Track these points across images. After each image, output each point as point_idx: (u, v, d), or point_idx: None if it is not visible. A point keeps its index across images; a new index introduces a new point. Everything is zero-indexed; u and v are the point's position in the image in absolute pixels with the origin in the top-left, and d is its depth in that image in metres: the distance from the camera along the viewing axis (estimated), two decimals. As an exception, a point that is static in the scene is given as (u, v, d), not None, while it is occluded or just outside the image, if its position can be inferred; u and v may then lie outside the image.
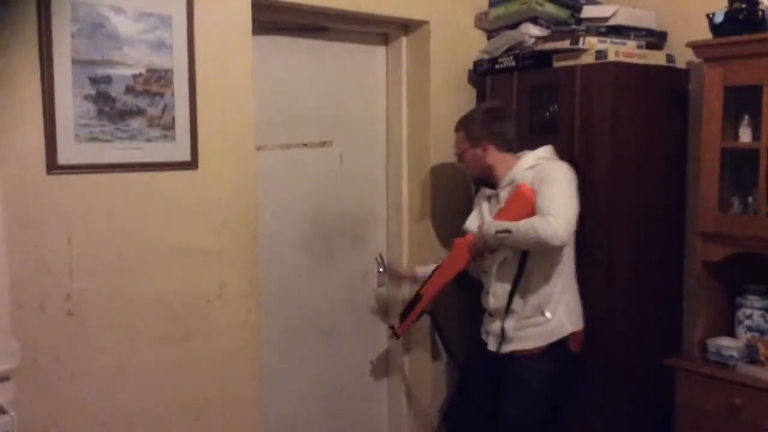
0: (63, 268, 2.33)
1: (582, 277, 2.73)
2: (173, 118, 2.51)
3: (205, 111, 2.56)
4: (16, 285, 2.25)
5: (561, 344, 2.61)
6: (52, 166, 2.30)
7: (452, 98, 3.25)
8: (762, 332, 2.64)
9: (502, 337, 2.66)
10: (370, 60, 3.32)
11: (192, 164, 2.56)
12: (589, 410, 2.85)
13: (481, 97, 3.27)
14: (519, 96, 3.07)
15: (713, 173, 2.66)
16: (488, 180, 2.75)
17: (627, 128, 2.83)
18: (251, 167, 2.71)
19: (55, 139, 2.30)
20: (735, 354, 2.59)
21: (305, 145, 3.14)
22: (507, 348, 2.66)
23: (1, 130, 2.21)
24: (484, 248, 2.62)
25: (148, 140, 2.47)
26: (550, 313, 2.59)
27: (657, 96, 2.95)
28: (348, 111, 3.25)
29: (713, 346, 2.65)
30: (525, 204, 2.53)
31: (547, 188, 2.49)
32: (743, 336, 2.67)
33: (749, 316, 2.67)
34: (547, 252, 2.53)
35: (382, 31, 3.29)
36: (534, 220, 2.44)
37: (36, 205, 2.28)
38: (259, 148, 2.85)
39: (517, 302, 2.64)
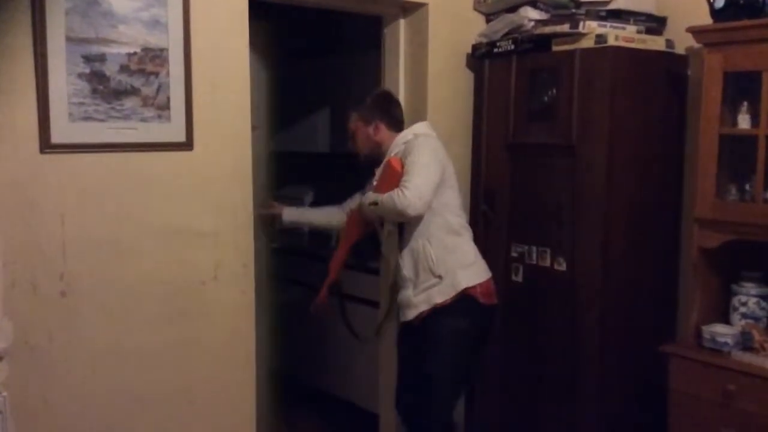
0: (56, 249, 2.32)
1: (577, 261, 2.71)
2: (168, 98, 2.48)
3: (200, 91, 2.54)
4: (9, 265, 2.24)
5: (467, 298, 2.70)
6: (46, 145, 2.28)
7: (450, 82, 3.23)
8: (757, 319, 2.64)
9: (409, 305, 2.77)
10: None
11: (187, 145, 2.54)
12: (583, 396, 2.86)
13: (479, 80, 3.25)
14: (517, 80, 3.05)
15: (711, 159, 2.65)
16: (379, 158, 2.85)
17: (625, 113, 2.81)
18: (247, 148, 2.69)
19: (48, 118, 2.28)
20: (730, 341, 2.58)
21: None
22: (414, 313, 2.75)
23: (-6, 108, 2.19)
24: (364, 220, 2.79)
25: (143, 120, 2.45)
26: (443, 273, 2.70)
27: (656, 81, 2.93)
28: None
29: (708, 332, 2.64)
30: (392, 176, 2.66)
31: (409, 161, 2.63)
32: (738, 323, 2.67)
33: (744, 303, 2.67)
34: (410, 221, 2.67)
35: (380, 12, 3.26)
36: (393, 193, 2.57)
37: (29, 184, 2.26)
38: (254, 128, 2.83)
39: (408, 270, 2.75)
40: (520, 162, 3.06)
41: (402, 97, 3.26)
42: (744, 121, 2.61)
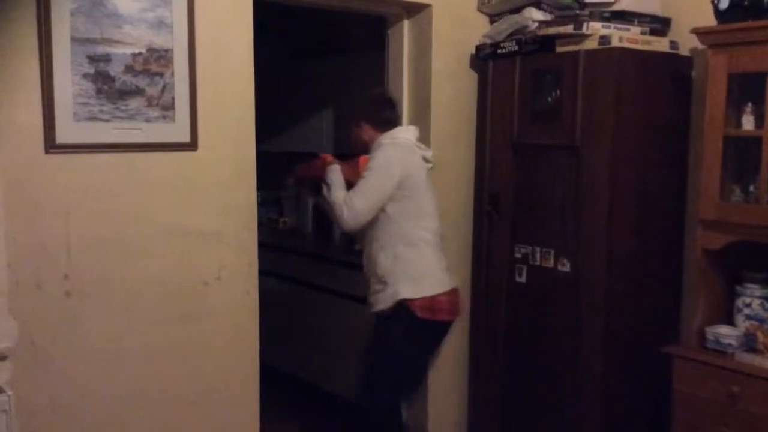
0: (61, 248, 2.32)
1: (580, 262, 2.72)
2: (173, 99, 2.49)
3: (205, 92, 2.54)
4: (14, 264, 2.24)
5: (405, 309, 2.77)
6: (51, 145, 2.29)
7: (454, 83, 3.23)
8: (761, 321, 2.64)
9: (369, 298, 2.94)
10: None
11: (191, 145, 2.55)
12: (586, 397, 2.85)
13: (482, 82, 3.24)
14: (521, 81, 3.05)
15: (715, 161, 2.64)
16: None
17: (629, 114, 2.81)
18: (251, 149, 2.69)
19: (53, 118, 2.28)
20: (733, 342, 2.58)
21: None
22: (373, 309, 2.89)
23: (0, 107, 2.19)
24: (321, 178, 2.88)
25: (147, 120, 2.45)
26: (388, 281, 2.80)
27: (660, 83, 2.92)
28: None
29: (712, 334, 2.64)
30: (353, 172, 2.83)
31: (366, 169, 2.78)
32: (742, 324, 2.66)
33: (748, 305, 2.67)
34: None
35: (384, 13, 3.26)
36: (342, 202, 2.74)
37: (34, 184, 2.27)
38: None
39: (368, 270, 2.90)
40: (523, 163, 3.06)
41: (405, 98, 3.27)
42: (748, 123, 2.61)
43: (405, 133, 2.88)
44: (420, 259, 2.81)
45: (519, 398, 3.12)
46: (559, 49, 2.93)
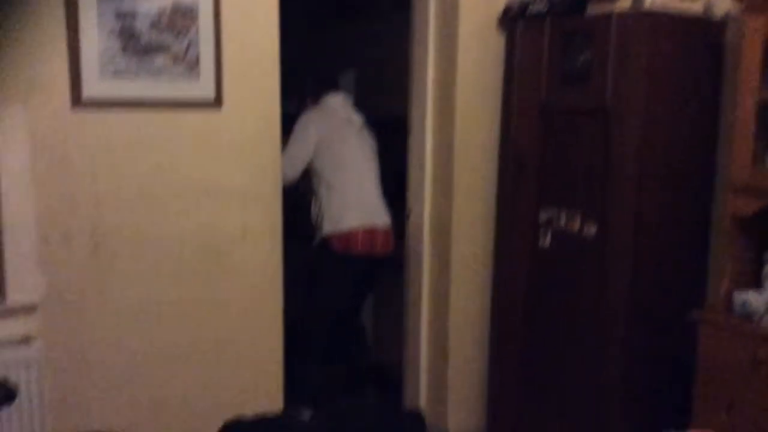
0: (88, 204, 2.35)
1: (607, 226, 2.70)
2: (198, 56, 2.48)
3: (229, 49, 2.53)
4: (42, 219, 2.28)
5: (325, 245, 3.39)
6: (77, 101, 2.30)
7: (481, 45, 3.18)
8: (789, 288, 2.60)
9: None
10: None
11: (216, 103, 2.54)
12: (609, 362, 2.85)
13: (510, 44, 3.18)
14: (550, 43, 2.99)
15: (748, 126, 2.58)
16: None
17: (661, 78, 2.75)
18: (275, 108, 2.69)
19: (80, 74, 2.29)
20: (761, 308, 2.55)
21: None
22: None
23: (27, 64, 2.21)
24: None
25: (173, 77, 2.45)
26: (316, 223, 3.43)
27: (693, 47, 2.85)
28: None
29: (739, 299, 2.61)
30: None
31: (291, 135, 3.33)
32: (770, 291, 2.63)
33: (777, 271, 2.63)
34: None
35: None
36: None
37: (61, 138, 2.29)
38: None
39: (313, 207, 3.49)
40: (551, 125, 3.02)
41: (431, 60, 3.23)
42: (783, 87, 2.55)
43: (330, 99, 3.51)
44: (337, 200, 3.37)
45: (540, 364, 3.12)
46: (591, 11, 2.86)
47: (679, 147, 2.86)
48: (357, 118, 3.56)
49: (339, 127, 3.46)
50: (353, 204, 3.39)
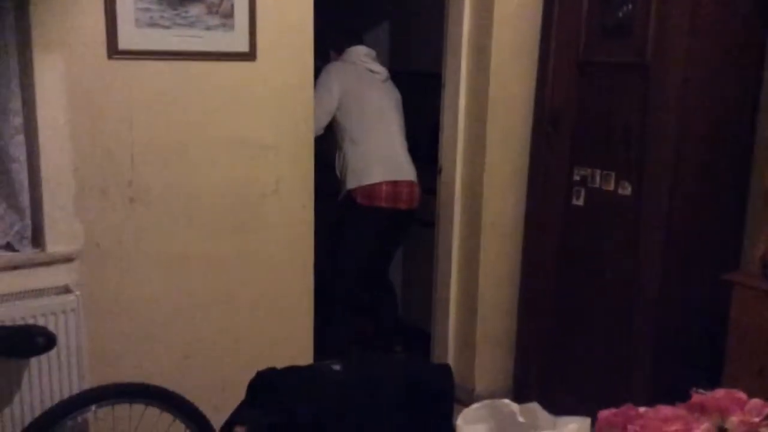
0: (125, 155, 2.36)
1: (643, 185, 2.66)
2: (232, 6, 2.45)
3: (264, 1, 2.49)
4: (80, 169, 2.29)
5: (350, 199, 3.42)
6: (113, 50, 2.29)
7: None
8: (828, 252, 2.55)
9: None
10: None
11: (250, 55, 2.52)
12: (640, 322, 2.84)
13: (548, -5, 3.10)
14: (590, -6, 2.90)
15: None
16: None
17: (704, 35, 2.66)
18: (309, 60, 2.66)
19: (115, 24, 2.27)
20: (797, 272, 2.51)
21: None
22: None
23: (63, 13, 2.19)
24: None
25: (207, 28, 2.43)
26: (340, 176, 3.48)
27: (738, 6, 2.76)
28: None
29: (775, 263, 2.57)
30: None
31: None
32: (807, 255, 2.59)
33: (816, 235, 2.58)
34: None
35: None
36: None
37: (97, 90, 2.29)
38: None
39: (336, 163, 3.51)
40: (589, 81, 2.95)
41: (467, 8, 3.15)
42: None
43: (353, 52, 3.50)
44: (361, 154, 3.39)
45: (570, 324, 3.12)
46: (633, -38, 2.77)
47: (720, 107, 2.79)
48: (381, 70, 3.53)
49: (362, 80, 3.44)
50: (377, 158, 3.40)
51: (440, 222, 3.38)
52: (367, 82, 3.45)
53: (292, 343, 2.79)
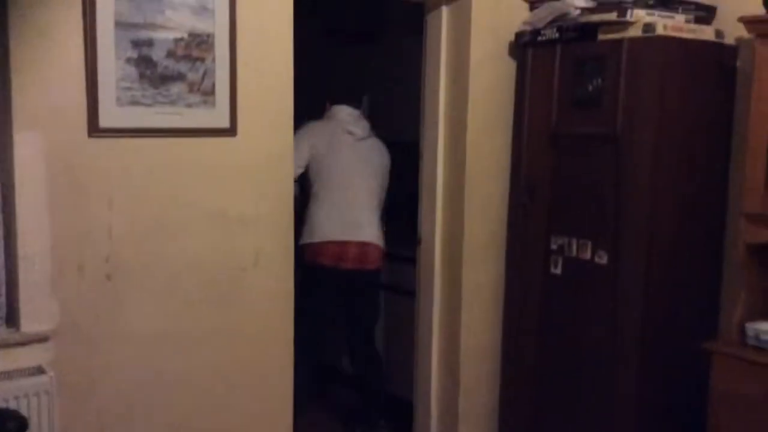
0: (103, 232, 2.35)
1: (619, 254, 2.70)
2: (213, 84, 2.49)
3: (245, 77, 2.54)
4: (57, 247, 2.28)
5: (301, 253, 3.39)
6: (94, 128, 2.31)
7: (492, 70, 3.19)
8: (803, 317, 2.59)
9: None
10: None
11: (231, 131, 2.55)
12: (621, 393, 2.83)
13: (521, 69, 3.20)
14: (561, 69, 3.00)
15: (761, 153, 2.58)
16: None
17: (672, 105, 2.76)
18: (289, 134, 2.70)
19: (97, 102, 2.30)
20: (775, 339, 2.54)
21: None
22: None
23: (45, 91, 2.22)
24: None
25: (188, 106, 2.46)
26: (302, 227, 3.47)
27: (704, 73, 2.86)
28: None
29: (752, 330, 2.59)
30: None
31: None
32: (783, 321, 2.62)
33: (791, 301, 2.62)
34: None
35: (422, -1, 3.24)
36: None
37: (77, 167, 2.29)
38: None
39: None
40: (562, 152, 3.02)
41: (443, 85, 3.24)
42: (796, 115, 2.55)
43: (336, 110, 3.60)
44: (320, 210, 3.46)
45: (553, 393, 3.10)
46: (602, 37, 2.87)
47: (692, 174, 2.86)
48: (359, 131, 3.57)
49: (335, 139, 3.50)
50: (329, 216, 3.44)
51: (420, 292, 3.37)
52: (339, 142, 3.50)
53: (273, 419, 2.74)
